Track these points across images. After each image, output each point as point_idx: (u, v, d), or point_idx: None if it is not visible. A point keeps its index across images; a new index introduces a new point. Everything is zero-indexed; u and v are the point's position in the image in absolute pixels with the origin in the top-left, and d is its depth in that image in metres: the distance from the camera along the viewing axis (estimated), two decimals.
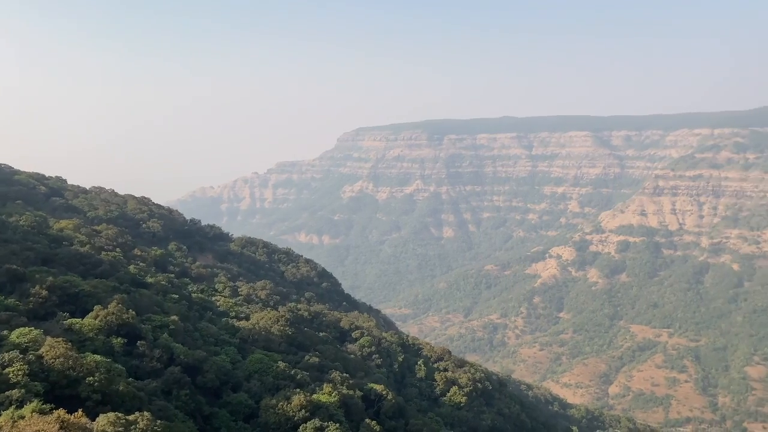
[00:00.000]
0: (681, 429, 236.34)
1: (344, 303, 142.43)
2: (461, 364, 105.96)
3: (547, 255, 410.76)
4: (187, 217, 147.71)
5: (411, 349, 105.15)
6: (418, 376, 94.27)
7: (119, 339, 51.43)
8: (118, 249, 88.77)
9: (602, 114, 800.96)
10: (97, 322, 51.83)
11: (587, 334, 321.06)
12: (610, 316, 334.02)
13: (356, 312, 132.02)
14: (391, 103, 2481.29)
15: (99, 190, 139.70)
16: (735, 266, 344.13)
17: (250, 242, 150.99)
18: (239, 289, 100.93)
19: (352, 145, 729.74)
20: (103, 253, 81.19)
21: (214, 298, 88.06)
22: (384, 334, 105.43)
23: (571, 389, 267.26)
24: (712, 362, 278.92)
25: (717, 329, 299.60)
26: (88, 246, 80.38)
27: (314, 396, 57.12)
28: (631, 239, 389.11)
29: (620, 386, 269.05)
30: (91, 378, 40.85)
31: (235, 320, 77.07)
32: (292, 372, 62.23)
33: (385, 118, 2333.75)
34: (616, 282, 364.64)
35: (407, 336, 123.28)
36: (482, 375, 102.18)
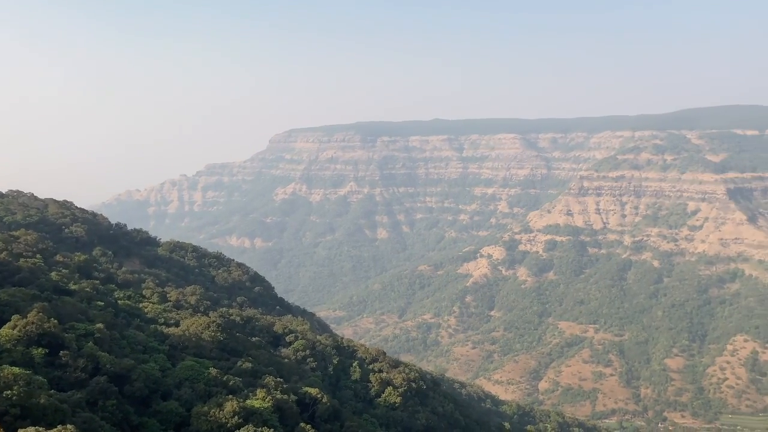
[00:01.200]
0: (607, 421, 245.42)
1: (278, 307, 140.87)
2: (396, 364, 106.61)
3: (478, 255, 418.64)
4: (113, 222, 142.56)
5: (346, 352, 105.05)
6: (353, 378, 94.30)
7: (40, 349, 49.31)
8: (38, 255, 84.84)
9: (530, 117, 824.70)
10: (15, 332, 49.52)
11: (518, 331, 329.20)
12: (539, 314, 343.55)
13: (290, 316, 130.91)
14: (324, 104, 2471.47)
15: (17, 194, 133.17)
16: (655, 263, 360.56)
17: (179, 246, 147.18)
18: (168, 295, 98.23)
19: (285, 147, 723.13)
20: (22, 260, 77.46)
21: (141, 305, 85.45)
22: (318, 337, 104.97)
23: (503, 386, 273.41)
24: (635, 356, 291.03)
25: (639, 324, 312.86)
26: (5, 253, 76.52)
27: (247, 402, 56.33)
28: (558, 238, 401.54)
29: (550, 382, 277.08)
30: (9, 391, 39.03)
31: (164, 327, 75.07)
32: (225, 378, 61.16)
33: (317, 119, 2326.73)
34: (545, 280, 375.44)
35: (342, 338, 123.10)
36: (416, 375, 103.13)
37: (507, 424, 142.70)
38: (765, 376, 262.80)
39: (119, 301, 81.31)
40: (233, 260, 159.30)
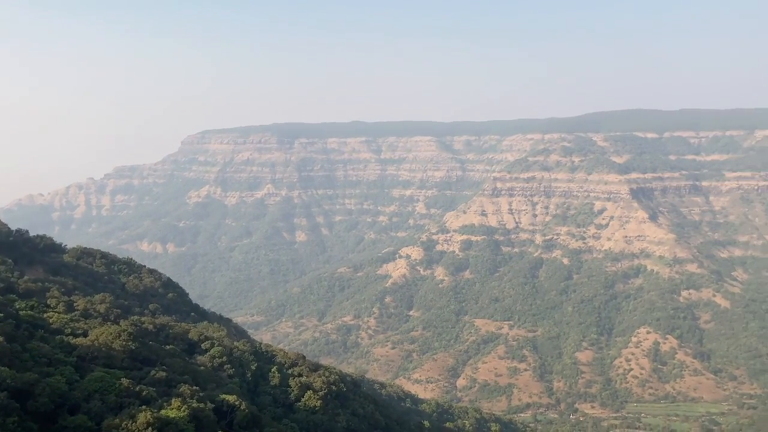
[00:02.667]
0: (522, 415, 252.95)
1: (192, 313, 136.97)
2: (316, 368, 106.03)
3: (397, 255, 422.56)
4: (12, 227, 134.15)
5: (264, 357, 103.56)
6: (272, 383, 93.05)
7: None
8: None
9: (445, 120, 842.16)
10: None
11: (436, 330, 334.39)
12: (456, 312, 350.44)
13: (206, 322, 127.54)
14: (239, 105, 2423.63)
15: None
16: (565, 261, 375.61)
17: (86, 253, 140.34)
18: (75, 304, 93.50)
19: (198, 149, 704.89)
20: None
21: (46, 315, 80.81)
22: (236, 344, 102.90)
23: (422, 385, 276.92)
24: (547, 350, 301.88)
25: (551, 319, 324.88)
26: None
27: (162, 412, 54.43)
28: (474, 238, 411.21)
29: (467, 378, 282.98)
30: None
31: (71, 337, 71.34)
32: (137, 388, 58.85)
33: (232, 120, 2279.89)
34: (461, 279, 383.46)
35: (260, 343, 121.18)
36: (337, 377, 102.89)
37: (427, 423, 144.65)
38: (665, 366, 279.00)
39: (21, 312, 76.62)
40: (145, 266, 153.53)
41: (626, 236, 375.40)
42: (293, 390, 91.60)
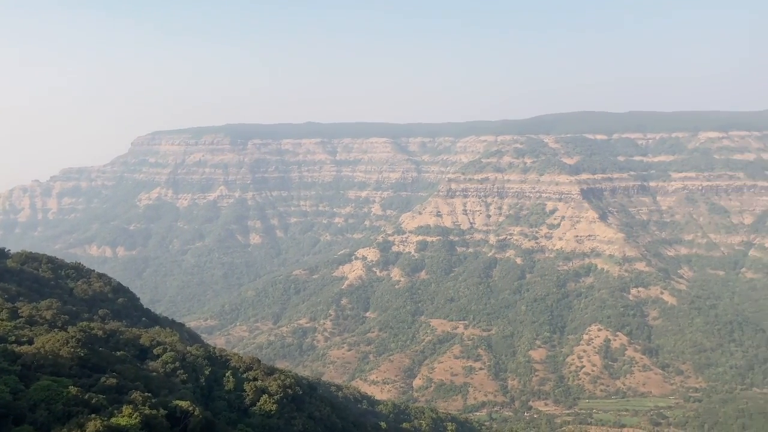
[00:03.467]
0: (477, 414, 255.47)
1: (144, 318, 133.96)
2: (271, 371, 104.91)
3: (353, 257, 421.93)
4: None
5: (218, 361, 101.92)
6: (226, 388, 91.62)
7: None
8: None
9: (400, 122, 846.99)
10: None
11: (392, 331, 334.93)
12: (412, 312, 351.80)
13: (158, 327, 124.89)
14: (191, 106, 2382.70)
15: None
16: (518, 260, 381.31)
17: (31, 258, 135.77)
18: (20, 311, 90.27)
19: (148, 150, 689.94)
20: None
21: None
22: (189, 348, 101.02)
23: (379, 386, 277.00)
24: (502, 349, 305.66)
25: (505, 318, 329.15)
26: None
27: (113, 420, 52.86)
28: (429, 239, 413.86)
29: (423, 379, 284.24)
30: None
31: (15, 345, 68.80)
32: (86, 396, 57.04)
33: (183, 121, 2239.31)
34: (417, 279, 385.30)
35: (214, 348, 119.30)
36: (292, 381, 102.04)
37: (383, 424, 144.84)
38: (616, 362, 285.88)
39: None
40: (94, 271, 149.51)
41: (577, 236, 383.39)
42: (248, 394, 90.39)
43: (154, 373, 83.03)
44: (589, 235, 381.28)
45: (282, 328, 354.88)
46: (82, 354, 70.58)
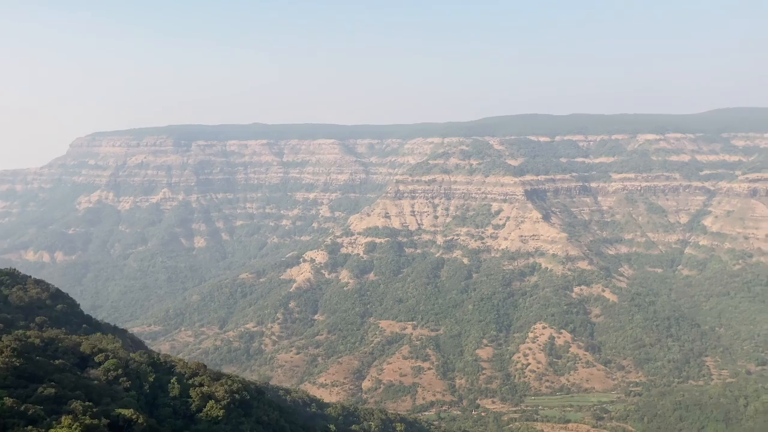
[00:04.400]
0: (426, 413, 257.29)
1: (84, 325, 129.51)
2: (217, 377, 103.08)
3: (301, 259, 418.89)
4: None
5: (163, 368, 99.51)
6: (171, 394, 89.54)
7: None
8: None
9: (348, 123, 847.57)
10: None
11: (341, 333, 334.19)
12: (361, 314, 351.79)
13: (99, 334, 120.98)
14: (132, 106, 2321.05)
15: None
16: (465, 260, 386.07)
17: None
18: None
19: (87, 152, 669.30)
20: None
21: None
22: (132, 355, 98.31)
23: (328, 389, 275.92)
24: (450, 348, 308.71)
25: (453, 318, 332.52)
26: None
27: (51, 431, 50.98)
28: (377, 240, 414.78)
29: (372, 380, 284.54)
30: None
31: None
32: (23, 407, 54.89)
33: (124, 122, 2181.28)
34: (366, 281, 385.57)
35: (158, 354, 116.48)
36: (239, 385, 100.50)
37: (332, 426, 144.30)
38: (560, 359, 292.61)
39: None
40: (30, 277, 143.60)
41: (522, 236, 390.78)
42: (194, 400, 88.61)
43: (96, 382, 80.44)
44: (533, 235, 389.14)
45: (229, 333, 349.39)
46: (17, 364, 67.86)
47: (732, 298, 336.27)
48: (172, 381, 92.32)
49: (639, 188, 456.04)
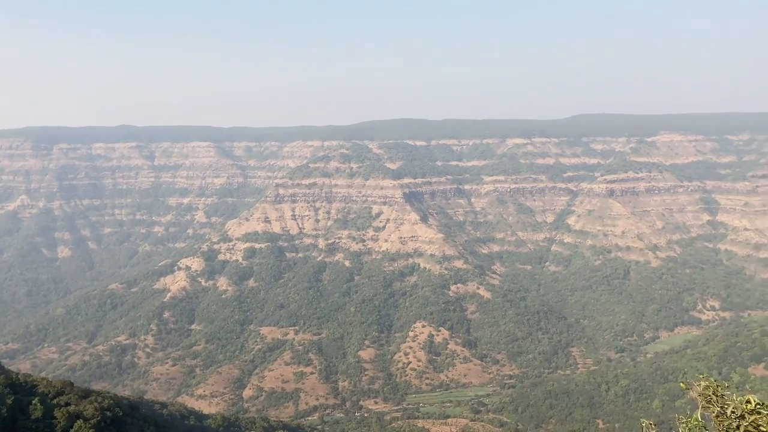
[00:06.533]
0: (310, 418, 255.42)
1: None
2: (86, 394, 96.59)
3: (176, 267, 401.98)
4: None
5: (23, 388, 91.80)
6: (33, 416, 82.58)
7: None
8: None
9: (223, 125, 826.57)
10: None
11: (220, 342, 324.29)
12: (241, 322, 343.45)
13: None
14: None
15: None
16: (347, 263, 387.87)
17: None
18: None
19: None
20: None
21: None
22: None
23: (207, 400, 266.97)
24: (332, 352, 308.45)
25: (335, 321, 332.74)
26: None
27: None
28: (257, 245, 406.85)
29: (254, 388, 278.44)
30: None
31: None
32: None
33: None
34: (245, 288, 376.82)
35: (17, 374, 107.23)
36: (111, 402, 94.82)
37: None
38: (439, 356, 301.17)
39: None
40: None
41: (401, 237, 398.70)
42: (60, 421, 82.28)
43: None
44: (412, 236, 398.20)
45: (98, 347, 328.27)
46: None
47: (594, 291, 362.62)
48: (34, 402, 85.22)
49: (509, 190, 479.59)
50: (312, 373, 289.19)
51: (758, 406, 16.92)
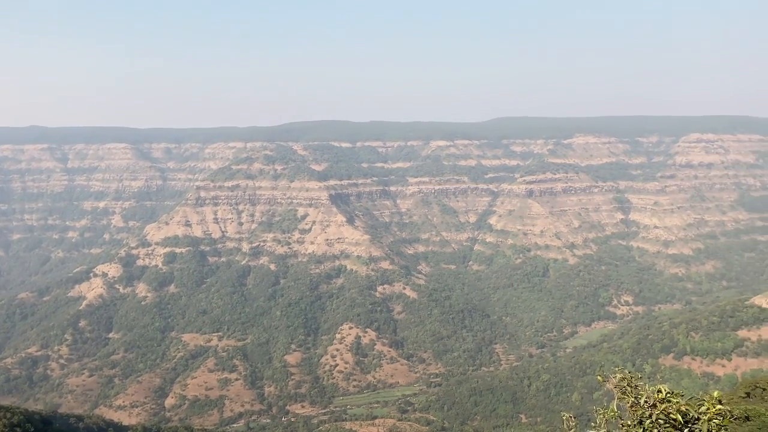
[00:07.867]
0: (235, 425, 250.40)
1: None
2: None
3: (92, 274, 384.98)
4: None
5: None
6: None
7: None
8: None
9: (140, 126, 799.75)
10: None
11: (140, 350, 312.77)
12: (162, 329, 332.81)
13: None
14: None
15: None
16: (272, 266, 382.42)
17: None
18: None
19: None
20: None
21: None
22: None
23: (127, 410, 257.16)
24: (258, 357, 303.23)
25: (260, 326, 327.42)
26: None
27: None
28: (178, 250, 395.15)
29: (176, 397, 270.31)
30: None
31: None
32: None
33: None
34: (166, 294, 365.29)
35: None
36: (21, 417, 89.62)
37: None
38: (366, 357, 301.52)
39: None
40: None
41: (328, 239, 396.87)
42: None
43: None
44: (339, 238, 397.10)
45: (6, 360, 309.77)
46: None
47: (515, 289, 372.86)
48: None
49: (433, 191, 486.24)
50: (237, 380, 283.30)
51: (668, 395, 18.02)
